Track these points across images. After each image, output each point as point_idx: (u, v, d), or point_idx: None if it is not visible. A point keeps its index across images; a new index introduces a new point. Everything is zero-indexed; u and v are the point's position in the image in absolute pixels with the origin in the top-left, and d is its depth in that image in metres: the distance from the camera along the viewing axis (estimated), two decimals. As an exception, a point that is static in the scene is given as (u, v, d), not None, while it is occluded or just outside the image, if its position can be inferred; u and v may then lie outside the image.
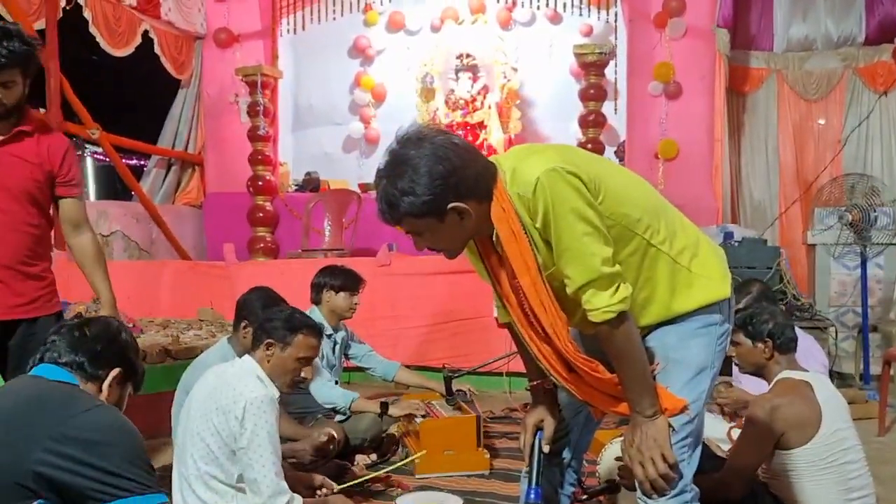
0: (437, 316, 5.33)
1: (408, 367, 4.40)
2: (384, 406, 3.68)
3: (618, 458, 2.57)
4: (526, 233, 1.68)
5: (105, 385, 1.75)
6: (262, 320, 2.56)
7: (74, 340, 1.75)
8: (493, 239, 1.73)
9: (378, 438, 3.61)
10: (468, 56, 8.05)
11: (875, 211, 5.76)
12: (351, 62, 8.56)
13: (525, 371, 2.03)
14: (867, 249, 5.72)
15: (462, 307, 5.21)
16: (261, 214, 7.22)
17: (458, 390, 3.94)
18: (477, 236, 1.77)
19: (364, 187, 7.38)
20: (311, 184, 7.82)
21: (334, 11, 7.86)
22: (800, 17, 6.96)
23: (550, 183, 1.62)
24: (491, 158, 1.77)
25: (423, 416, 3.58)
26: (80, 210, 2.72)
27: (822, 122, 6.92)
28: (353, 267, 4.01)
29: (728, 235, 5.65)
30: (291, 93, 8.53)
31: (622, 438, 1.84)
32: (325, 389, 3.63)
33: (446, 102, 8.14)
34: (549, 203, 1.63)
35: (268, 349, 2.48)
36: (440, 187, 1.62)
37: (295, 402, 3.47)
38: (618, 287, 1.66)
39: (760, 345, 2.59)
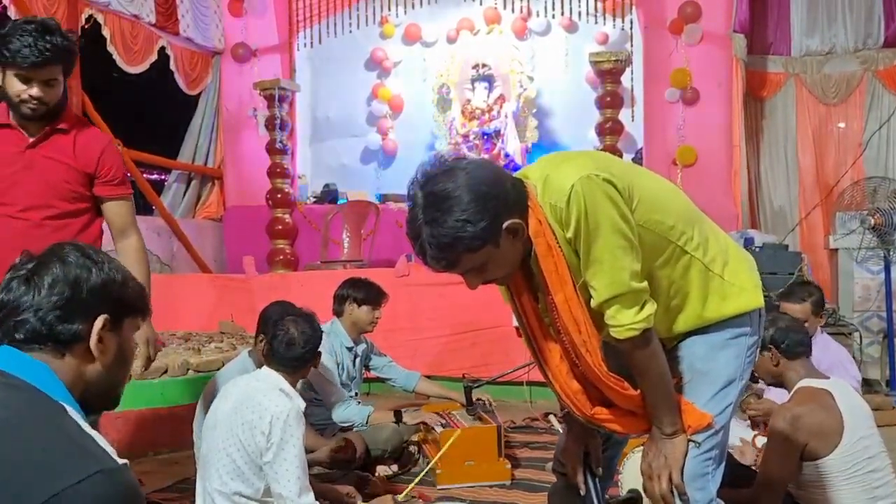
0: (456, 326, 5.33)
1: (428, 377, 4.40)
2: (398, 415, 3.70)
3: None
4: (559, 245, 1.64)
5: (92, 344, 1.23)
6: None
7: (29, 298, 1.21)
8: (530, 256, 1.67)
9: (399, 449, 3.62)
10: (484, 66, 8.10)
11: (898, 214, 5.69)
12: (368, 74, 8.63)
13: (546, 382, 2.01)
14: (891, 253, 5.65)
15: (481, 317, 5.20)
16: (280, 227, 7.26)
17: (478, 400, 3.93)
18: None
19: (383, 198, 7.43)
20: (329, 195, 7.87)
21: (350, 24, 7.94)
22: (817, 21, 6.90)
23: (586, 191, 1.57)
24: (518, 173, 1.73)
25: (443, 426, 3.58)
26: (125, 213, 2.54)
27: (841, 125, 6.85)
28: (372, 278, 4.02)
29: (748, 241, 5.61)
30: (309, 106, 8.60)
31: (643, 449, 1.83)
32: (341, 410, 3.64)
33: (462, 112, 8.18)
34: (584, 212, 1.57)
35: None
36: (492, 210, 1.54)
37: (315, 414, 3.49)
38: (644, 304, 1.63)
39: (766, 353, 2.55)
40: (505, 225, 1.57)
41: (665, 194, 1.77)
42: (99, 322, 1.24)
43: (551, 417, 4.43)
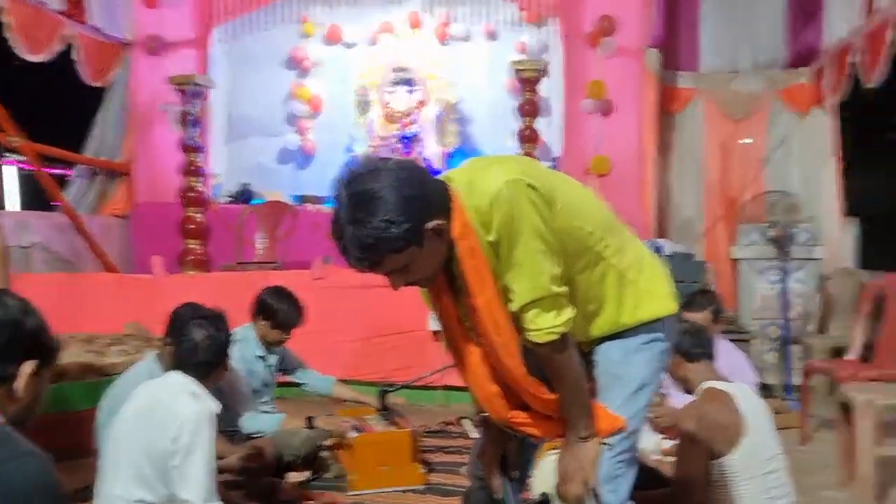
0: (373, 329, 5.29)
1: (343, 381, 4.35)
2: (310, 420, 3.63)
3: None
4: (482, 248, 1.65)
5: (19, 385, 1.37)
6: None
7: None
8: (453, 258, 1.67)
9: (312, 455, 3.56)
10: (405, 69, 8.10)
11: (795, 227, 6.01)
12: (287, 73, 8.49)
13: (465, 385, 2.00)
14: (788, 264, 5.95)
15: (398, 321, 5.19)
16: (192, 226, 7.04)
17: (393, 404, 3.92)
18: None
19: (300, 199, 7.32)
20: (244, 195, 7.69)
21: (269, 22, 7.79)
22: (724, 40, 7.21)
23: (511, 194, 1.59)
24: (442, 175, 1.74)
25: (357, 431, 3.54)
26: None
27: (746, 141, 7.17)
28: (288, 280, 3.94)
29: (658, 249, 5.79)
30: (225, 103, 8.39)
31: (558, 451, 1.86)
32: (250, 421, 3.55)
33: (383, 115, 8.14)
34: (507, 216, 1.59)
35: None
36: (416, 211, 1.55)
37: (225, 419, 3.39)
38: (563, 308, 1.66)
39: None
40: (429, 226, 1.58)
41: (585, 201, 1.81)
42: (28, 366, 1.38)
43: (464, 422, 4.45)
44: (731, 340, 4.83)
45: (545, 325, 1.64)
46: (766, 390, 5.73)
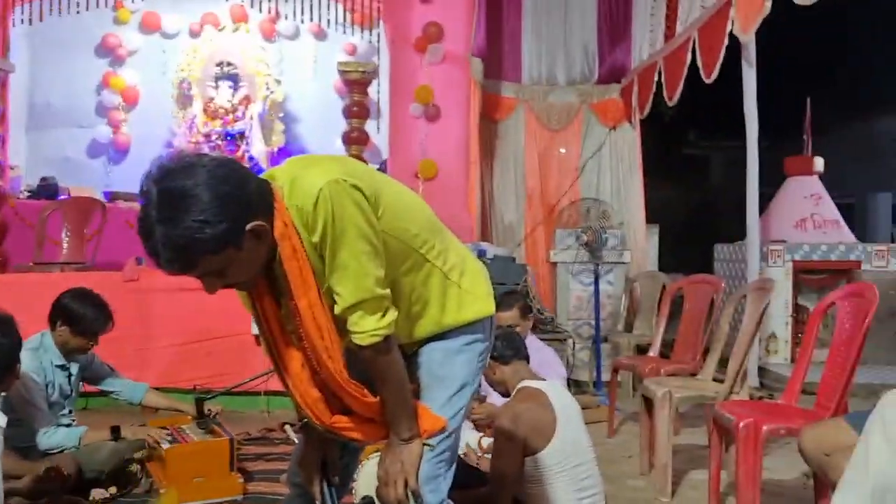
0: (190, 334, 5.04)
1: (157, 389, 4.11)
2: (116, 431, 3.40)
3: None
4: (304, 249, 1.60)
5: None
6: None
7: None
8: (274, 259, 1.62)
9: (118, 469, 3.32)
10: (229, 64, 7.83)
11: (606, 232, 6.42)
12: (98, 61, 7.93)
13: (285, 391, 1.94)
14: (599, 267, 6.34)
15: (217, 325, 4.98)
16: (-15, 223, 6.39)
17: (211, 412, 3.74)
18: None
19: (112, 196, 6.82)
20: (47, 190, 7.06)
21: (78, 4, 7.23)
22: (543, 54, 7.58)
23: (333, 195, 1.55)
24: (264, 174, 1.67)
25: (171, 442, 3.35)
26: None
27: (562, 151, 7.57)
28: (97, 282, 3.67)
29: (482, 252, 5.96)
30: (26, 90, 7.70)
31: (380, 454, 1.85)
32: (46, 437, 3.25)
33: (205, 110, 7.82)
34: (331, 216, 1.56)
35: None
36: (234, 211, 1.48)
37: (16, 436, 3.08)
38: (386, 311, 1.65)
39: None
40: (248, 227, 1.51)
41: (409, 203, 1.81)
42: None
43: (287, 427, 4.35)
44: (550, 340, 5.09)
45: (369, 327, 1.63)
46: (578, 386, 6.09)
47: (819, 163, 7.41)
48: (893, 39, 17.00)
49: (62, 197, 6.84)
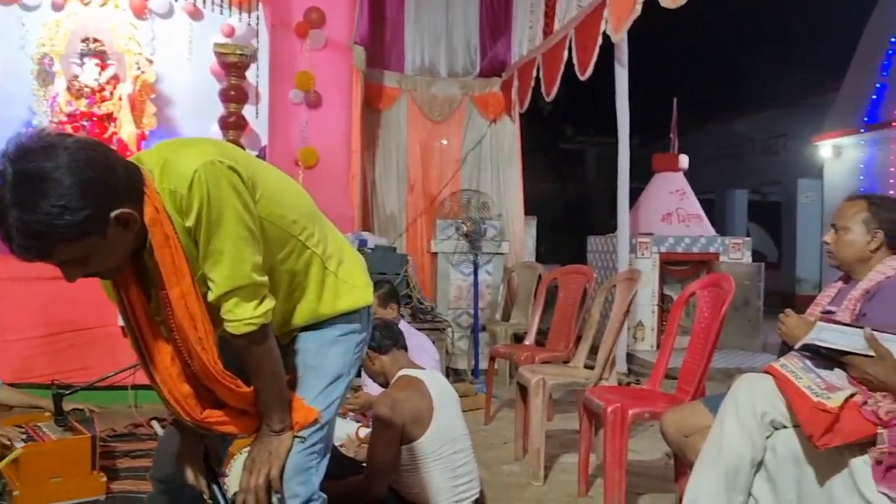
0: (49, 326, 4.74)
1: (11, 384, 3.84)
2: None
3: None
4: (176, 234, 1.53)
5: None
6: None
7: None
8: (144, 247, 1.53)
9: (-34, 472, 3.08)
10: (96, 41, 7.35)
11: (485, 224, 6.54)
12: (-59, 30, 7.27)
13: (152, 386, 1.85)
14: (478, 258, 6.44)
15: (80, 316, 4.71)
16: None
17: (72, 409, 3.53)
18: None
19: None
20: None
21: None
22: (425, 45, 7.62)
23: (209, 177, 1.49)
24: (132, 157, 1.58)
25: (26, 441, 3.14)
26: None
27: (444, 142, 7.63)
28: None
29: (363, 242, 5.94)
30: None
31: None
32: None
33: (68, 89, 7.32)
34: (206, 199, 1.49)
35: None
36: (98, 196, 1.39)
37: None
38: (263, 299, 1.60)
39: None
40: (113, 214, 1.43)
41: (288, 190, 1.77)
42: None
43: (154, 423, 4.18)
44: (429, 329, 5.13)
45: (244, 315, 1.58)
46: (457, 375, 6.18)
47: (684, 160, 7.84)
48: (752, 47, 18.20)
49: None
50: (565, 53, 6.02)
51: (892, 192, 9.50)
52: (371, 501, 2.60)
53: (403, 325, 4.13)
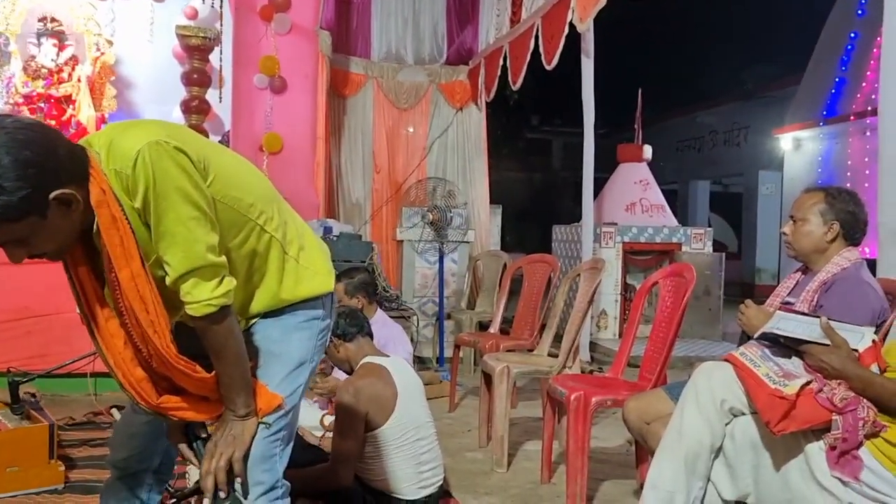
0: (6, 313, 4.64)
1: (-37, 373, 3.76)
2: None
3: None
4: (126, 216, 1.50)
5: None
6: None
7: None
8: (94, 229, 1.51)
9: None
10: (53, 20, 7.18)
11: (451, 212, 6.54)
12: None
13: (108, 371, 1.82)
14: (444, 246, 6.44)
15: (37, 302, 4.61)
16: None
17: (28, 396, 3.47)
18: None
19: None
20: None
21: None
22: (392, 32, 7.57)
23: (154, 157, 1.47)
24: (81, 140, 1.56)
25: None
26: None
27: (411, 129, 7.61)
28: None
29: (328, 230, 5.90)
30: None
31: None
32: None
33: (25, 69, 7.14)
34: (151, 179, 1.47)
35: None
36: (36, 177, 1.37)
37: None
38: (222, 279, 1.57)
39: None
40: (53, 195, 1.41)
41: (244, 172, 1.75)
42: None
43: (114, 411, 4.12)
44: (395, 317, 5.12)
45: (203, 296, 1.55)
46: (422, 363, 6.19)
47: (648, 151, 7.92)
48: (716, 40, 18.43)
49: None
50: (532, 42, 6.02)
51: (848, 184, 9.72)
52: (336, 489, 2.60)
53: (379, 314, 4.12)
